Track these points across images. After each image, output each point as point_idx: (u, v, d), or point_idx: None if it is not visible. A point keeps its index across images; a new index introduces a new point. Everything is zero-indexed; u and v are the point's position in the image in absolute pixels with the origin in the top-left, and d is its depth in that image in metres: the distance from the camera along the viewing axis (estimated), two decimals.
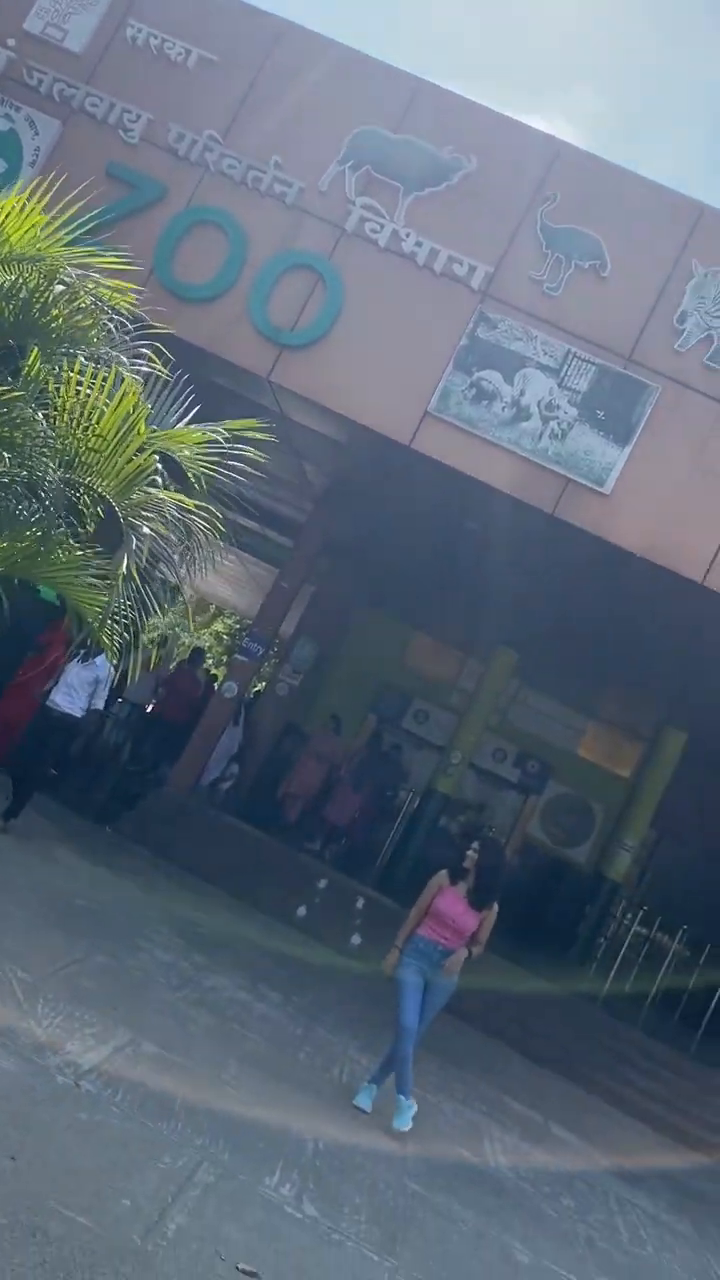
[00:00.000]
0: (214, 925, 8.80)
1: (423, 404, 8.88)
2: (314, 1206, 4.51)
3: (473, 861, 6.16)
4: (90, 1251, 3.35)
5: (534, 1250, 5.30)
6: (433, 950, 6.05)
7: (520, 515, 8.96)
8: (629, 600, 10.12)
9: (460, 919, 6.06)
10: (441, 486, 9.44)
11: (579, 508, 8.67)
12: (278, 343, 9.18)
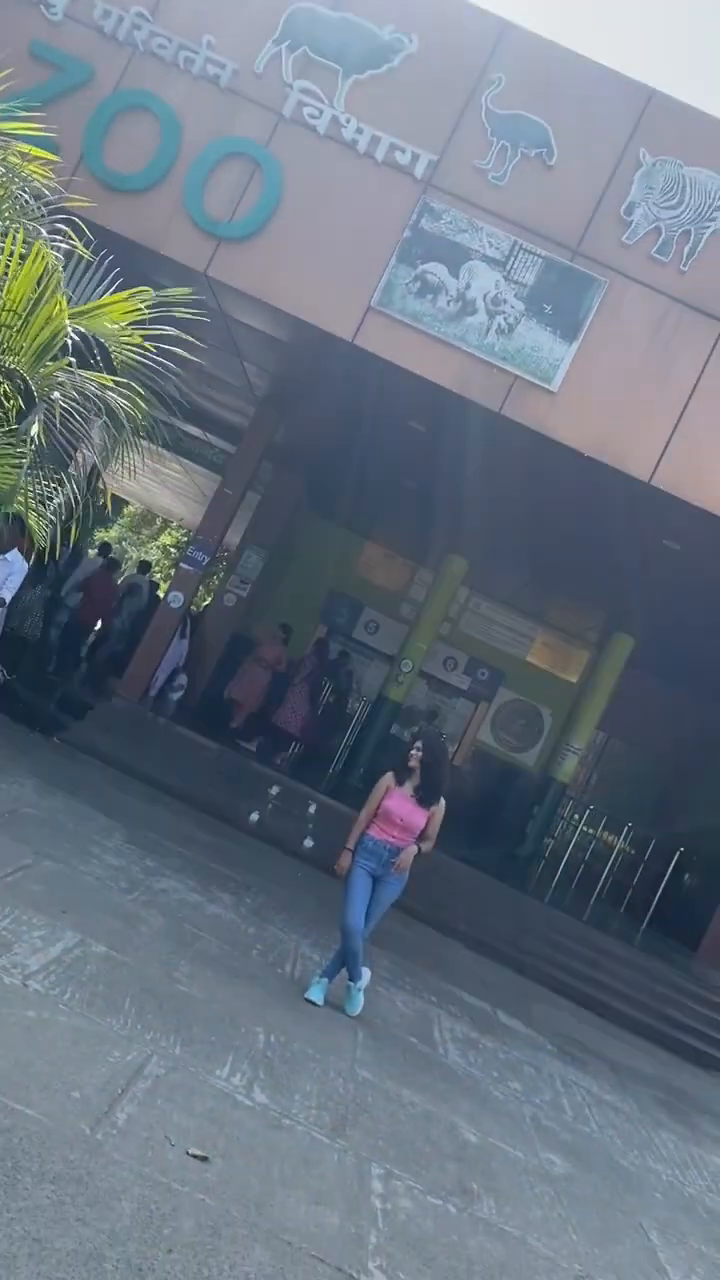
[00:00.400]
0: (165, 831, 8.81)
1: (365, 298, 8.64)
2: (264, 1095, 4.59)
3: (417, 760, 6.23)
4: (39, 1141, 3.37)
5: (481, 1130, 5.46)
6: (382, 849, 6.18)
7: (466, 414, 8.82)
8: (577, 503, 10.09)
9: (408, 817, 6.16)
10: (386, 386, 9.25)
11: (526, 406, 8.55)
12: (215, 235, 8.85)
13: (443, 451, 10.40)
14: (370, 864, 6.18)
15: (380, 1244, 3.78)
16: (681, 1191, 6.11)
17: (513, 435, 8.79)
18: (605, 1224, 5.04)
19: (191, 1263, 3.12)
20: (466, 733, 18.02)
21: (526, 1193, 4.93)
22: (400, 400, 9.51)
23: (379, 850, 6.17)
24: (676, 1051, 10.11)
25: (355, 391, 10.10)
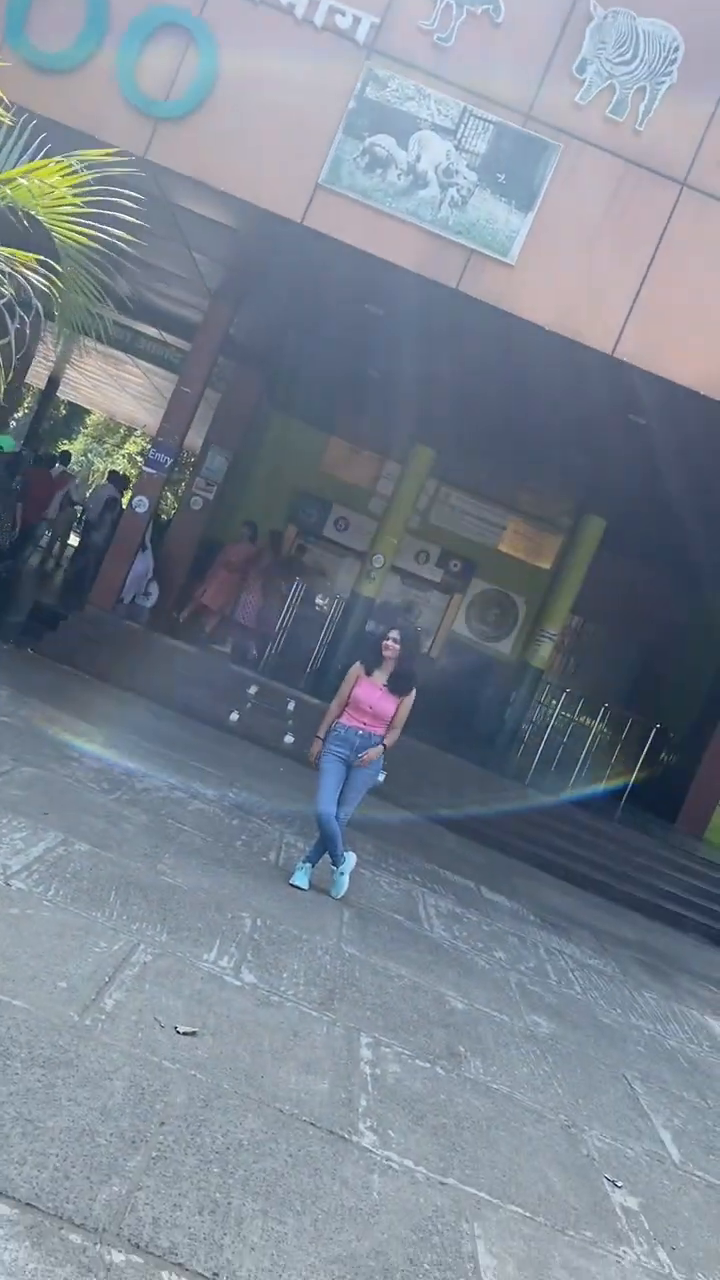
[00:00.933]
0: (145, 734, 8.84)
1: (313, 176, 8.30)
2: (252, 975, 4.68)
3: (393, 651, 6.23)
4: (28, 1029, 3.42)
5: (468, 997, 5.62)
6: (353, 736, 6.24)
7: (423, 293, 8.57)
8: (541, 382, 9.90)
9: (377, 704, 6.22)
10: (340, 268, 8.96)
11: (484, 281, 8.31)
12: (151, 115, 8.42)
13: (402, 335, 10.15)
14: (342, 750, 6.24)
15: (370, 1106, 3.91)
16: (662, 1044, 6.35)
17: (472, 313, 8.56)
18: (589, 1077, 5.23)
19: (184, 1133, 3.21)
20: (442, 625, 18.05)
21: (513, 1053, 5.10)
22: (355, 283, 9.22)
23: (350, 737, 6.23)
24: (657, 917, 10.42)
25: (309, 277, 9.80)
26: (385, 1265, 2.96)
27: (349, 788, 6.27)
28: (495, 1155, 3.93)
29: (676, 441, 9.85)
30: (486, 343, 9.32)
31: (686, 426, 9.25)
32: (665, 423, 9.43)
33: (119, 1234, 2.63)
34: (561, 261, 8.32)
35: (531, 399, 10.64)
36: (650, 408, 9.21)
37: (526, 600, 17.65)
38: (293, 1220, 2.99)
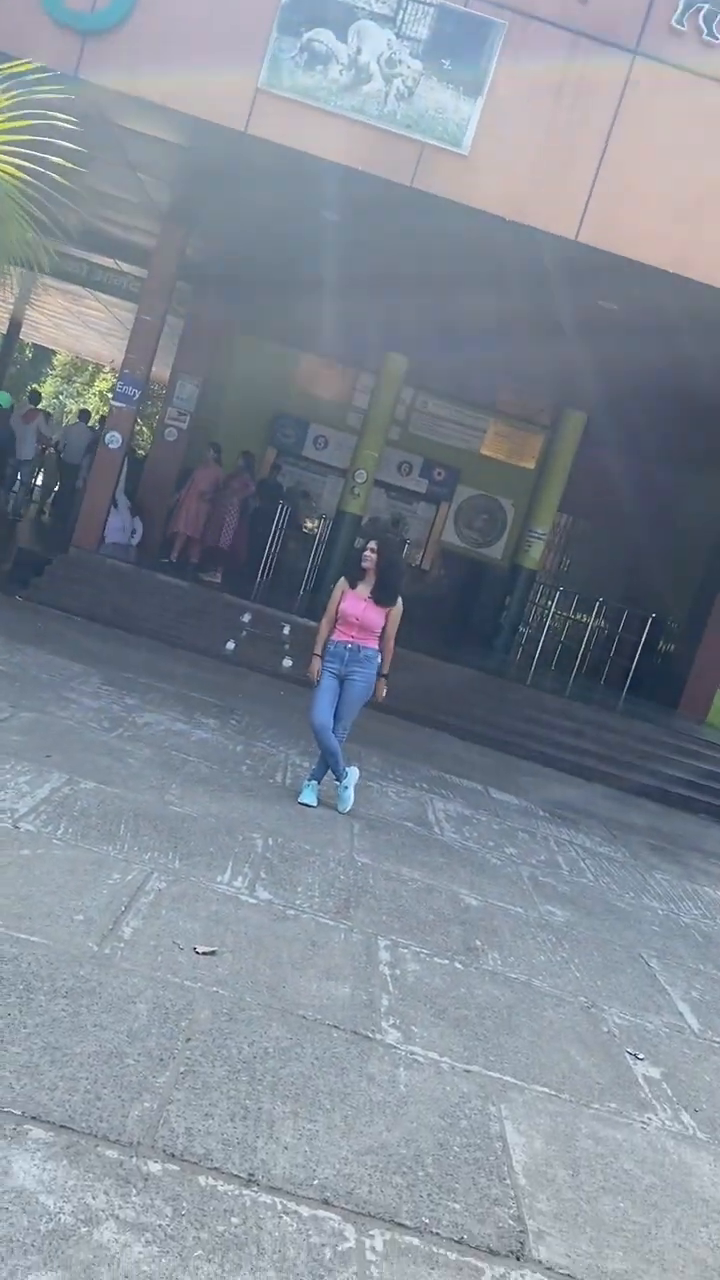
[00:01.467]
0: (142, 670, 8.86)
1: (252, 80, 8.00)
2: (267, 892, 4.76)
3: (371, 561, 6.23)
4: (48, 963, 3.49)
5: (482, 894, 5.72)
6: (343, 650, 6.30)
7: (378, 194, 8.33)
8: (508, 276, 9.67)
9: (363, 616, 6.25)
10: (290, 176, 8.69)
11: (438, 175, 8.06)
12: (79, 30, 8.09)
13: (362, 241, 9.89)
14: (334, 665, 6.29)
15: (392, 1005, 4.00)
16: (677, 922, 6.48)
17: (430, 210, 8.34)
18: (606, 959, 5.35)
19: (210, 1047, 3.29)
20: (431, 535, 17.97)
21: (529, 942, 5.21)
22: (308, 190, 8.94)
23: (340, 652, 6.29)
24: (665, 802, 10.57)
25: (261, 188, 9.50)
26: (416, 1152, 3.06)
27: (343, 703, 6.32)
28: (518, 1040, 4.04)
29: (648, 324, 9.67)
30: (448, 240, 9.09)
31: (657, 307, 9.07)
32: (635, 306, 9.26)
33: (154, 1146, 2.71)
34: (516, 147, 8.07)
35: (499, 294, 10.40)
36: (618, 291, 9.03)
37: (514, 503, 17.55)
38: (323, 1118, 3.08)
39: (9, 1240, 2.24)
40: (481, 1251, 2.70)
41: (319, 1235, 2.57)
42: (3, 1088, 2.75)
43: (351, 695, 6.33)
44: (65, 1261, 2.23)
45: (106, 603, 10.83)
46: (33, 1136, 2.60)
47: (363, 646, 6.28)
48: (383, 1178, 2.88)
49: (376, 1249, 2.58)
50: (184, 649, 10.48)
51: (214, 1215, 2.52)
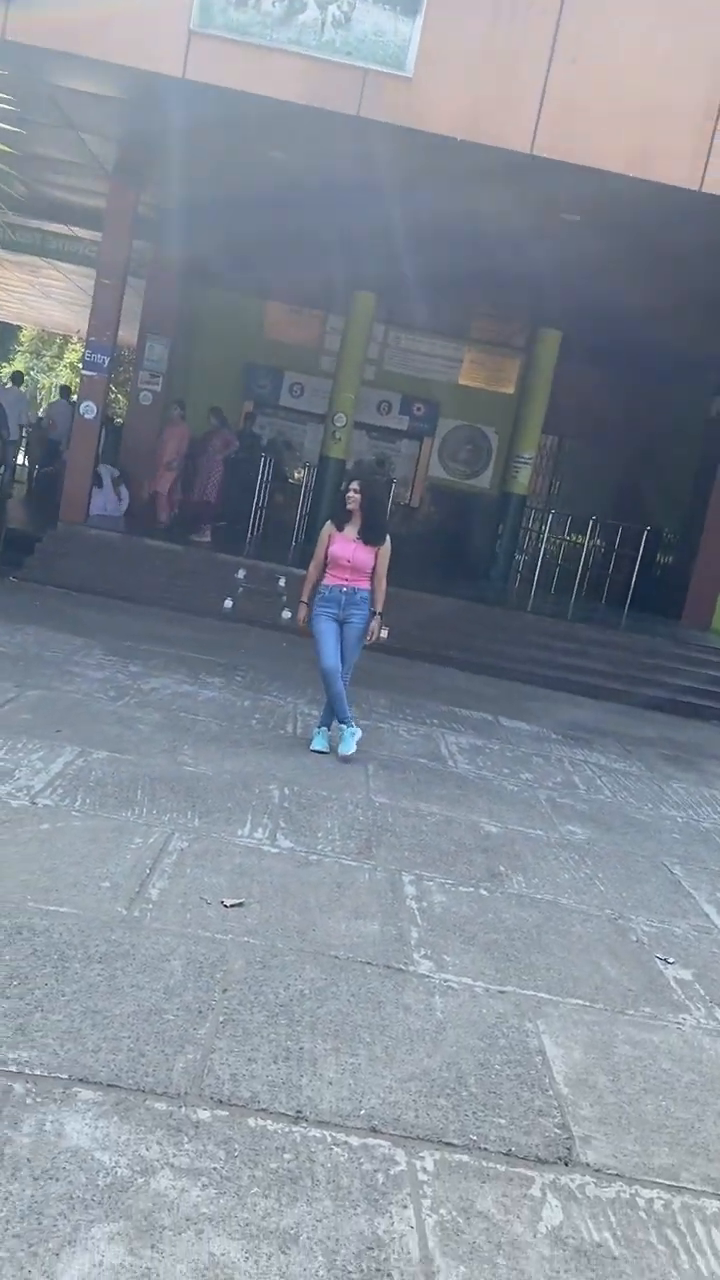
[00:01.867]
0: (142, 637, 8.87)
1: (184, 23, 7.78)
2: (288, 840, 4.81)
3: (356, 502, 6.21)
4: (80, 931, 3.53)
5: (501, 821, 5.77)
6: (338, 594, 6.31)
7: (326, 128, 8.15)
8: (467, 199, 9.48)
9: (353, 557, 6.25)
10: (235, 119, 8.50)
11: (384, 101, 7.87)
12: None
13: (316, 178, 9.70)
14: (331, 609, 6.31)
15: (422, 937, 4.06)
16: (697, 828, 6.54)
17: (380, 139, 8.15)
18: (629, 871, 5.41)
19: (247, 994, 3.35)
20: (417, 471, 17.86)
21: (552, 863, 5.26)
22: (255, 131, 8.75)
23: (335, 596, 6.30)
24: (676, 713, 10.61)
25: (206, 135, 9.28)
26: (458, 1074, 3.12)
27: (344, 646, 6.33)
28: (549, 958, 4.10)
29: (613, 232, 9.51)
30: (403, 168, 8.89)
31: (619, 214, 8.91)
32: (598, 215, 9.09)
33: (200, 1094, 2.77)
34: (460, 64, 7.87)
35: (461, 219, 10.21)
36: (580, 202, 8.86)
37: (497, 430, 17.39)
38: (364, 1051, 3.14)
39: (69, 1197, 2.29)
40: (530, 1161, 2.77)
41: (370, 1162, 2.63)
42: (48, 1054, 2.81)
43: (351, 637, 6.34)
44: (126, 1211, 2.29)
45: (100, 574, 10.81)
46: (82, 1098, 2.66)
47: (357, 588, 6.28)
48: (428, 1101, 2.94)
49: (428, 1169, 2.65)
50: (182, 612, 10.48)
51: (266, 1154, 2.58)
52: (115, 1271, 2.12)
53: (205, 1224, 2.30)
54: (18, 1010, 2.99)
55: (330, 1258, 2.27)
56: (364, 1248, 2.32)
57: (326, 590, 6.32)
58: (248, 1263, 2.21)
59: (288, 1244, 2.29)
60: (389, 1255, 2.32)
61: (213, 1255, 2.21)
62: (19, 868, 3.94)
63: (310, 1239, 2.32)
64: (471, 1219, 2.49)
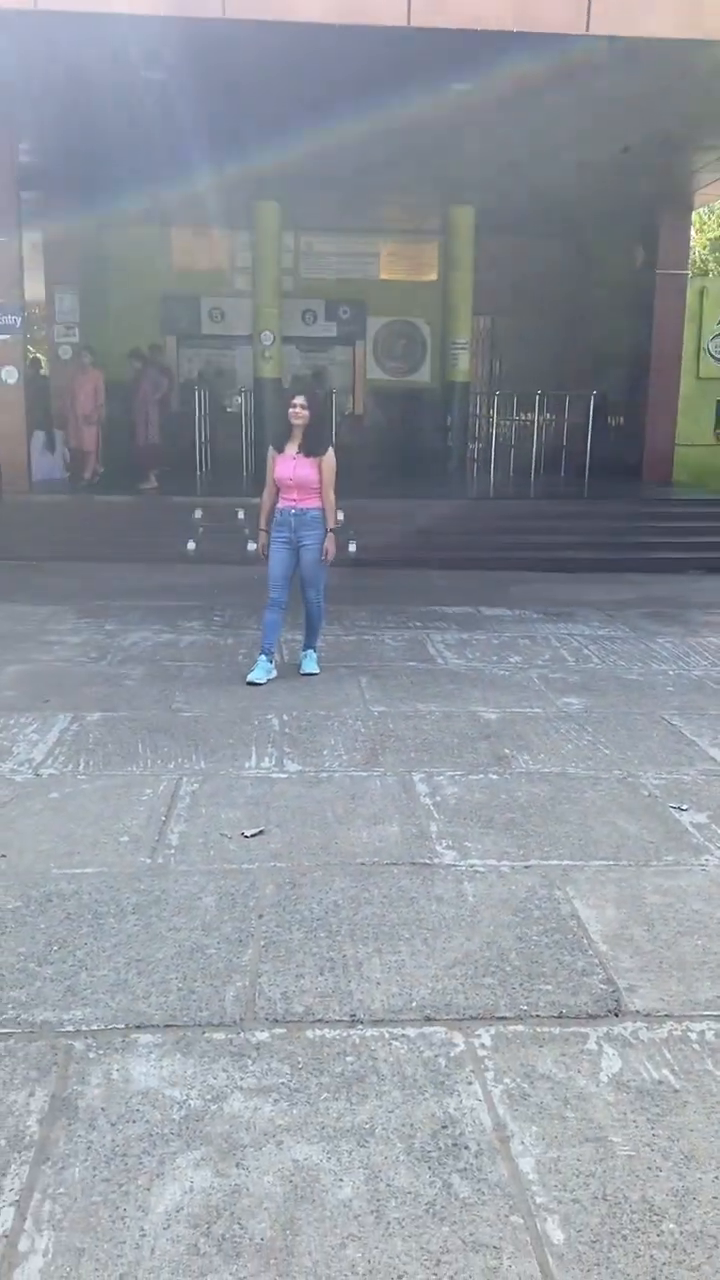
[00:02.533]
0: (113, 594, 8.81)
1: None
2: (295, 763, 4.85)
3: (301, 417, 6.09)
4: (108, 888, 3.58)
5: (498, 706, 5.84)
6: (288, 516, 6.16)
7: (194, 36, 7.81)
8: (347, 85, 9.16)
9: (296, 473, 6.09)
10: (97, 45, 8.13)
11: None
12: None
13: (193, 92, 9.33)
14: (283, 534, 6.16)
15: (441, 829, 4.13)
16: (689, 678, 6.63)
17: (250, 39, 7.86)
18: (630, 731, 5.49)
19: (284, 915, 3.41)
20: (355, 376, 17.58)
21: (554, 737, 5.34)
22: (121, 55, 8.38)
23: (285, 519, 6.15)
24: (652, 570, 10.67)
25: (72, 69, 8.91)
26: (500, 951, 3.20)
27: (303, 567, 6.22)
28: (566, 827, 4.19)
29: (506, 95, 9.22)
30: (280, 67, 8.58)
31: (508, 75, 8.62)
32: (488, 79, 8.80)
33: (255, 1017, 2.84)
34: None
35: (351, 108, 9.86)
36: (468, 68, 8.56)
37: (427, 320, 17.09)
38: (405, 947, 3.22)
39: (149, 1136, 2.36)
40: (582, 1019, 2.86)
41: (430, 1049, 2.71)
42: (100, 1009, 2.86)
43: (308, 559, 6.20)
44: (205, 1138, 2.36)
45: (58, 539, 10.69)
46: (142, 1042, 2.72)
47: (307, 509, 6.12)
48: (475, 982, 3.03)
49: (485, 1045, 2.74)
50: (147, 562, 10.40)
51: (329, 1060, 2.66)
52: (206, 1193, 2.19)
53: (283, 1135, 2.37)
54: (63, 973, 3.04)
55: (408, 1142, 2.36)
56: (438, 1127, 2.41)
57: (278, 514, 6.17)
58: (330, 1161, 2.29)
59: (365, 1138, 2.37)
60: (463, 1130, 2.41)
61: (296, 1161, 2.29)
62: (37, 839, 3.97)
63: (385, 1129, 2.40)
64: (535, 1082, 2.58)
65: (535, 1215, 2.15)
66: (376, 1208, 2.17)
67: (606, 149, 11.13)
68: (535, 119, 10.00)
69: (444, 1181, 2.24)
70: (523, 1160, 2.31)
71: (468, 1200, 2.19)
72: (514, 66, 8.45)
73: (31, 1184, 2.21)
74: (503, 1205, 2.18)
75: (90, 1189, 2.20)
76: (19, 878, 3.64)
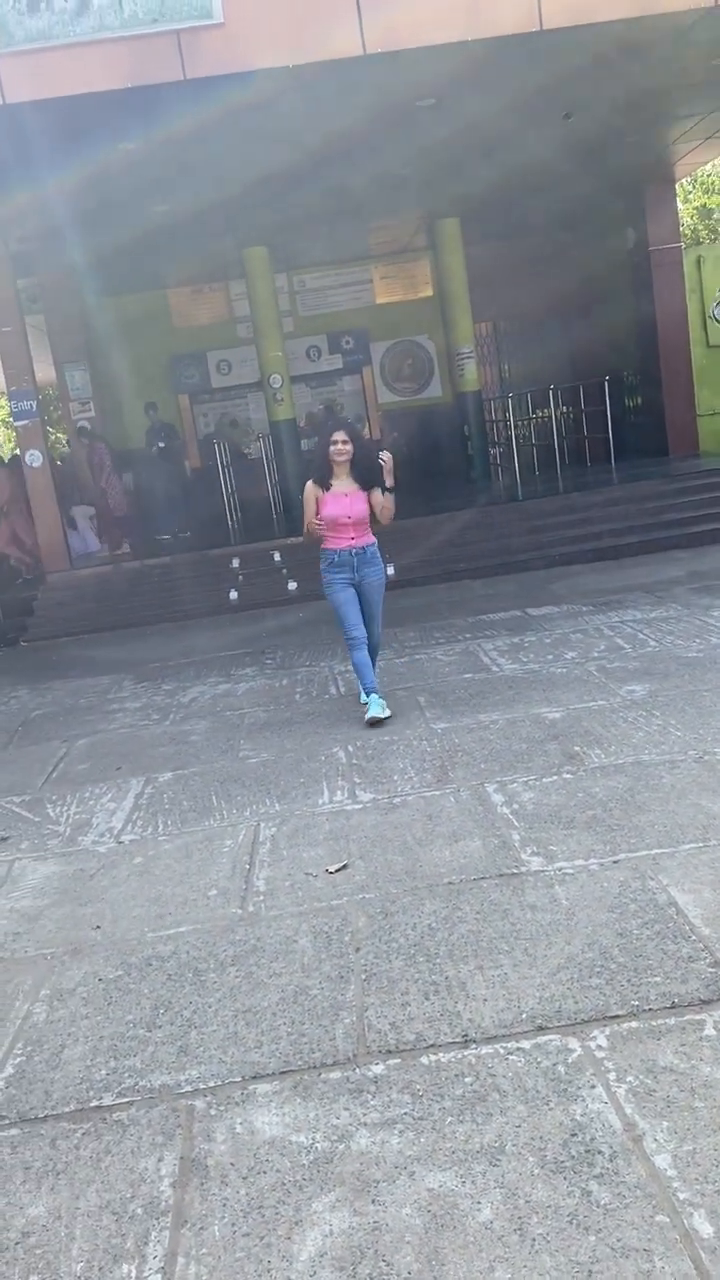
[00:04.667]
0: (165, 655, 8.91)
1: None
2: (368, 792, 4.86)
3: (345, 453, 5.93)
4: (204, 944, 3.60)
5: (561, 705, 5.80)
6: (350, 557, 6.00)
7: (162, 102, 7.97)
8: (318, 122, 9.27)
9: (352, 509, 5.95)
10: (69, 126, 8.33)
11: (206, 55, 7.68)
12: None
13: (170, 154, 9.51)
14: (345, 574, 6.01)
15: (524, 837, 4.10)
16: None
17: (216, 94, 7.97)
18: (699, 709, 5.42)
19: (380, 946, 3.40)
20: (367, 403, 17.67)
21: (623, 727, 5.29)
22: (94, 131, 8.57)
23: (346, 559, 5.99)
24: (694, 545, 10.56)
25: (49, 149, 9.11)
26: (602, 950, 3.17)
27: (367, 605, 6.10)
28: (650, 816, 4.14)
29: (469, 104, 9.28)
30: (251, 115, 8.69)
31: (469, 83, 8.68)
32: (449, 90, 8.86)
33: (369, 1051, 2.83)
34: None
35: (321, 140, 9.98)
36: (429, 85, 8.64)
37: (429, 335, 17.15)
38: (506, 959, 3.19)
39: (281, 1185, 2.36)
40: (695, 1005, 2.82)
41: (547, 1058, 2.69)
42: (215, 1065, 2.88)
43: (372, 597, 6.11)
44: (338, 1179, 2.36)
45: (104, 611, 10.85)
46: (260, 1092, 2.73)
47: (366, 546, 6.01)
48: (582, 984, 3.00)
49: (602, 1045, 2.70)
50: (193, 618, 10.51)
51: (448, 1084, 2.64)
52: (347, 1234, 2.19)
53: (414, 1165, 2.36)
54: (173, 1036, 3.06)
55: (540, 1156, 2.33)
56: (568, 1136, 2.38)
57: (335, 555, 5.98)
58: (465, 1185, 2.27)
59: (496, 1157, 2.35)
60: (593, 1135, 2.38)
61: (431, 1190, 2.27)
62: (128, 906, 4.01)
63: (515, 1145, 2.38)
64: (659, 1076, 2.54)
65: (680, 1211, 2.11)
66: (519, 1226, 2.14)
67: (574, 139, 11.14)
68: (505, 121, 10.03)
69: (582, 1190, 2.21)
70: (658, 1158, 2.27)
71: (609, 1206, 2.16)
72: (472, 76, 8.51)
73: (174, 1249, 2.22)
74: (646, 1206, 2.14)
75: (232, 1245, 2.21)
76: (116, 947, 3.68)
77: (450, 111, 9.44)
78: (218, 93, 7.99)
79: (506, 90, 9.13)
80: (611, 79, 9.49)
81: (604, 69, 9.10)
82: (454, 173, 11.87)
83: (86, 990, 3.40)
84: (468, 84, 8.76)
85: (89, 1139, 2.64)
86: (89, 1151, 2.59)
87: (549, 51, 8.21)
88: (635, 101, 10.44)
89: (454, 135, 10.20)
